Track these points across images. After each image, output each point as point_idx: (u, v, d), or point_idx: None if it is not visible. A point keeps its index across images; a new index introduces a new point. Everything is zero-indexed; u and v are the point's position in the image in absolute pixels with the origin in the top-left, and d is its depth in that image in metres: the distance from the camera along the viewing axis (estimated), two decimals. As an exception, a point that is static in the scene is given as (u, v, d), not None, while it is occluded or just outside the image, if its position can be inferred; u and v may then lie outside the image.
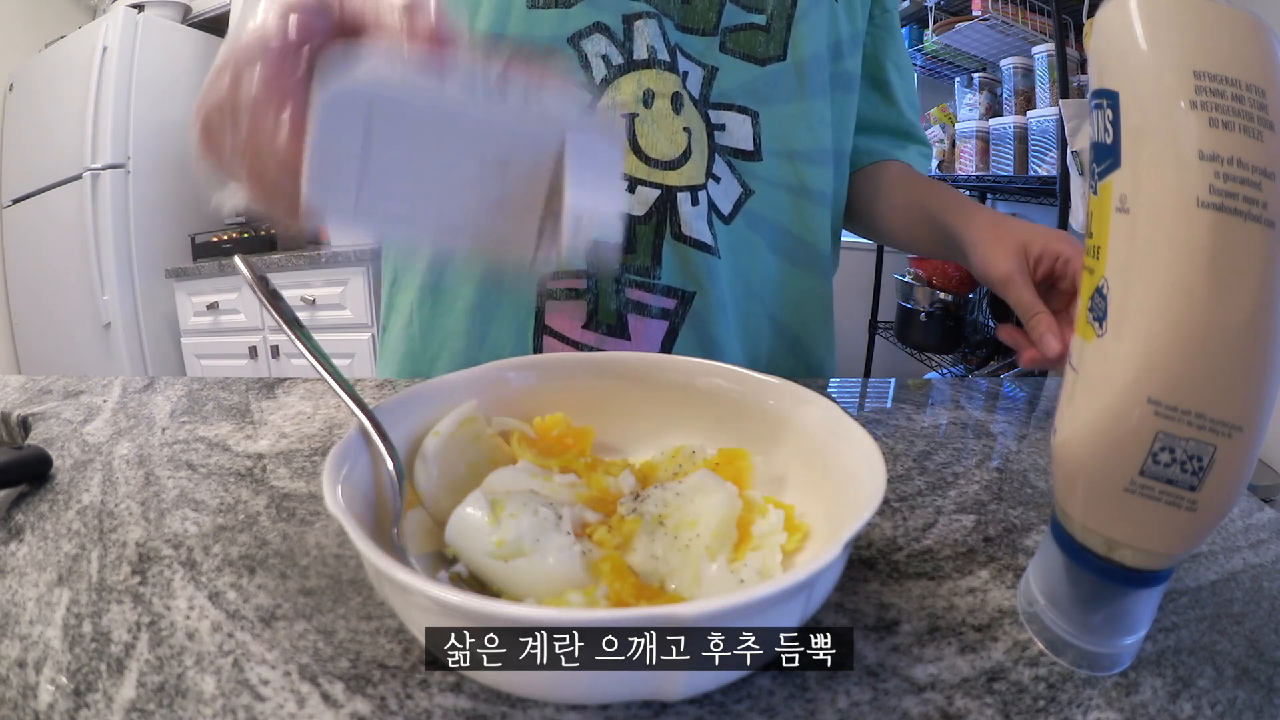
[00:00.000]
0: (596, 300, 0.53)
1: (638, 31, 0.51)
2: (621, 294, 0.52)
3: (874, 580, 0.29)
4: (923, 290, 1.99)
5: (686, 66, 0.52)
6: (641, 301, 0.53)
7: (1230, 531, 0.34)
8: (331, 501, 0.23)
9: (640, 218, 0.52)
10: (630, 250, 0.52)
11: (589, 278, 0.52)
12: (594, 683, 0.21)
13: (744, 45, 0.53)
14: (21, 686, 0.24)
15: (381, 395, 0.51)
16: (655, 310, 0.53)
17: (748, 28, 0.53)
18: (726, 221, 0.54)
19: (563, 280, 0.53)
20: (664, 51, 0.51)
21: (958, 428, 0.46)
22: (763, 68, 0.53)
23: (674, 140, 0.51)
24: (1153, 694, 0.24)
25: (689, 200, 0.51)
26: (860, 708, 0.23)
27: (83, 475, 0.38)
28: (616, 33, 0.51)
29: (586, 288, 0.53)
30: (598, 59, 0.51)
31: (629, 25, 0.51)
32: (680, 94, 0.51)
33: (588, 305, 0.53)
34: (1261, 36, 0.20)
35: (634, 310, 0.53)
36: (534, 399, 0.35)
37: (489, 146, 0.27)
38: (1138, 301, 0.21)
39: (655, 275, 0.52)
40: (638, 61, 0.51)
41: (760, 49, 0.53)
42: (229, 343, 2.21)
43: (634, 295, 0.52)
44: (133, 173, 2.22)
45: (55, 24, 2.47)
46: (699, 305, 0.53)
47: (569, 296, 0.53)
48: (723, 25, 0.53)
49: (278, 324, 0.31)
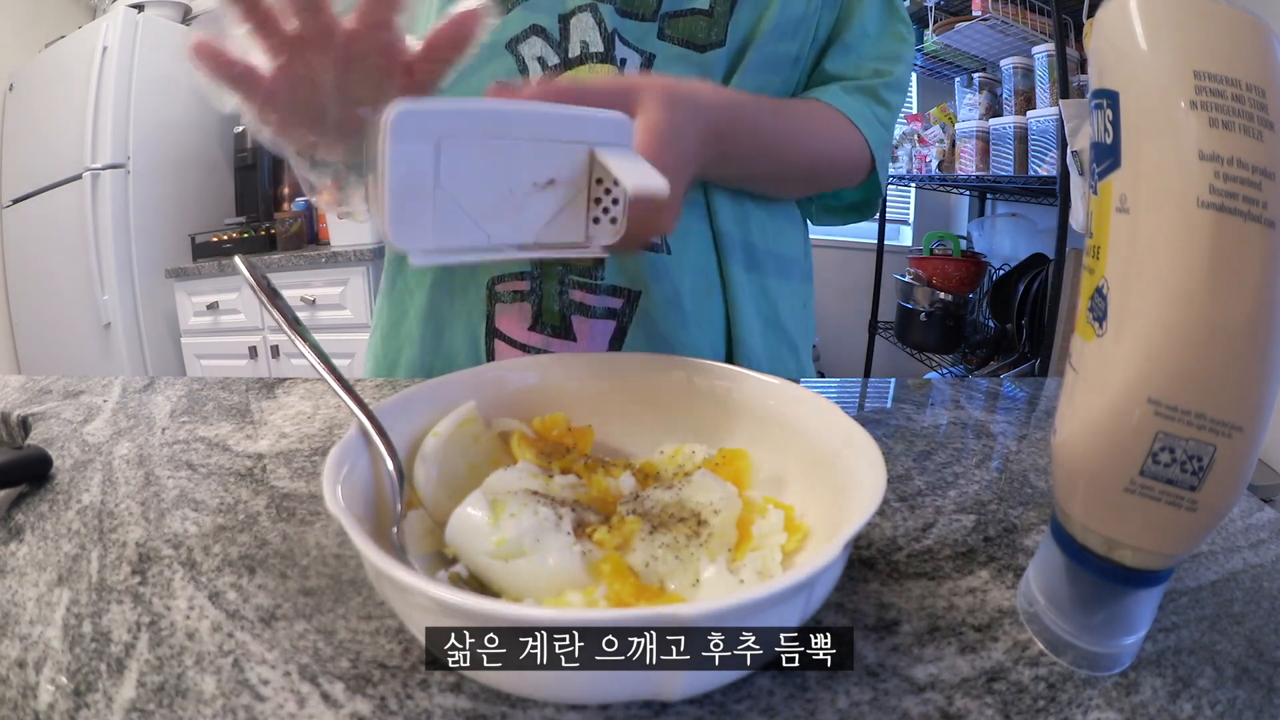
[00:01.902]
0: (540, 302, 0.52)
1: (574, 29, 0.50)
2: (565, 295, 0.52)
3: (874, 580, 0.29)
4: (923, 290, 2.00)
5: (625, 53, 0.51)
6: (584, 302, 0.52)
7: (1230, 531, 0.34)
8: (331, 501, 0.23)
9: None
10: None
11: (533, 279, 0.52)
12: (594, 683, 0.21)
13: (684, 31, 0.51)
14: (21, 686, 0.24)
15: (381, 395, 0.51)
16: (600, 310, 0.52)
17: (689, 13, 0.51)
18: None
19: (508, 283, 0.53)
20: (598, 43, 0.50)
21: (958, 428, 0.46)
22: (702, 54, 0.51)
23: None
24: (1153, 694, 0.24)
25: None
26: (860, 708, 0.23)
27: (83, 475, 0.38)
28: (552, 33, 0.50)
29: (530, 289, 0.52)
30: (534, 61, 0.51)
31: (565, 24, 0.50)
32: None
33: (532, 307, 0.53)
34: (1261, 36, 0.20)
35: (577, 311, 0.52)
36: (534, 399, 0.35)
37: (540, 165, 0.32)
38: (1138, 301, 0.21)
39: (598, 276, 0.52)
40: (572, 59, 0.50)
41: (702, 35, 0.51)
42: (229, 343, 2.21)
43: (577, 296, 0.52)
44: (133, 173, 2.22)
45: (55, 24, 2.47)
46: (646, 304, 0.52)
47: (515, 299, 0.53)
48: (663, 10, 0.51)
49: (278, 324, 0.31)
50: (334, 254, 2.04)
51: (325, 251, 2.08)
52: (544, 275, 0.52)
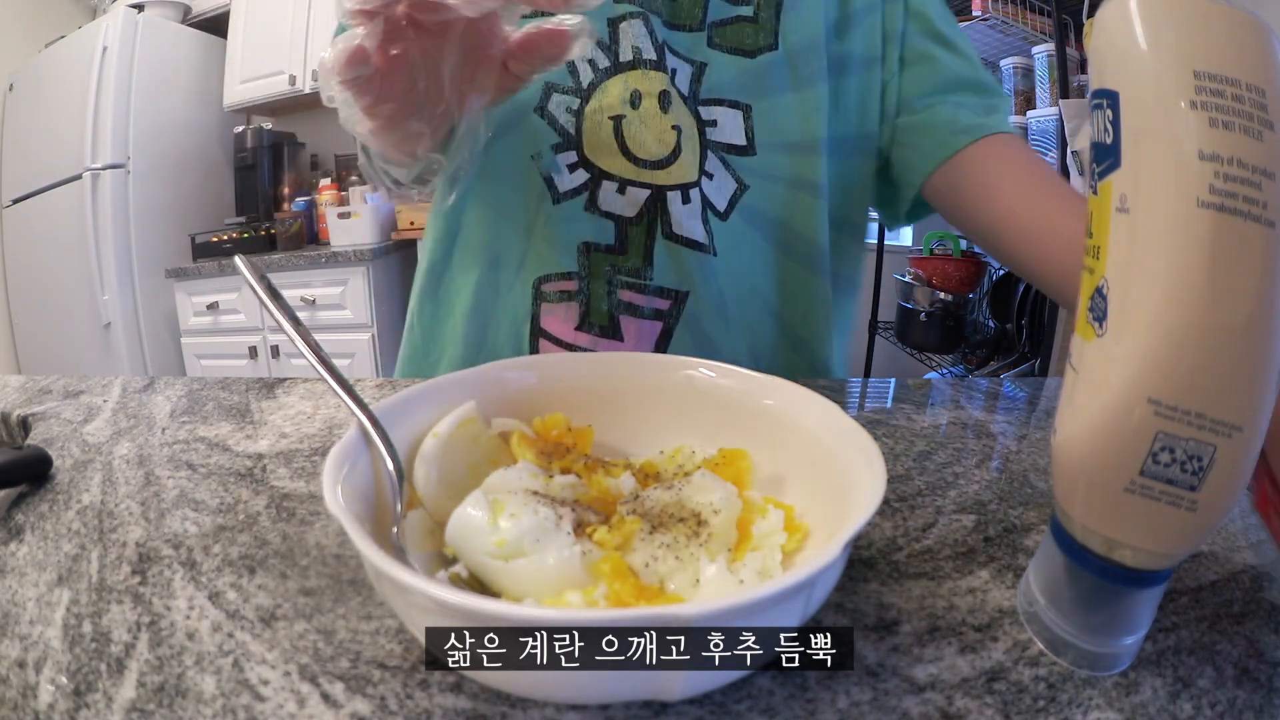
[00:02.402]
0: (588, 302, 0.52)
1: (623, 33, 0.51)
2: (613, 295, 0.52)
3: (874, 580, 0.29)
4: (923, 290, 1.99)
5: (675, 64, 0.51)
6: (633, 303, 0.52)
7: (1230, 531, 0.34)
8: (331, 501, 0.23)
9: (631, 218, 0.51)
10: (622, 251, 0.52)
11: (580, 279, 0.52)
12: (594, 683, 0.21)
13: (732, 39, 0.52)
14: (21, 686, 0.24)
15: (381, 395, 0.51)
16: (648, 311, 0.53)
17: (735, 21, 0.52)
18: (723, 218, 0.53)
19: (555, 282, 0.53)
20: (650, 50, 0.51)
21: (958, 428, 0.46)
22: (753, 59, 0.52)
23: (662, 139, 0.51)
24: (1153, 694, 0.24)
25: (680, 199, 0.51)
26: (860, 708, 0.23)
27: (83, 475, 0.38)
28: (602, 37, 0.51)
29: (578, 289, 0.52)
30: (584, 64, 0.51)
31: (614, 28, 0.51)
32: (668, 92, 0.51)
33: (579, 307, 0.53)
34: (1261, 36, 0.20)
35: (625, 311, 0.52)
36: (534, 399, 0.35)
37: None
38: (1137, 301, 0.21)
39: (647, 276, 0.52)
40: (624, 64, 0.51)
41: (750, 41, 0.52)
42: (229, 343, 2.21)
43: (625, 296, 0.52)
44: (133, 173, 2.22)
45: (55, 24, 2.47)
46: (693, 305, 0.52)
47: (561, 299, 0.53)
48: (709, 20, 0.52)
49: (278, 324, 0.31)
50: (334, 254, 2.04)
51: (325, 251, 2.09)
52: (592, 275, 0.52)
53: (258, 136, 2.40)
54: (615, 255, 0.52)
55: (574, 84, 0.51)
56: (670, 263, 0.52)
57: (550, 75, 0.51)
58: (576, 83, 0.51)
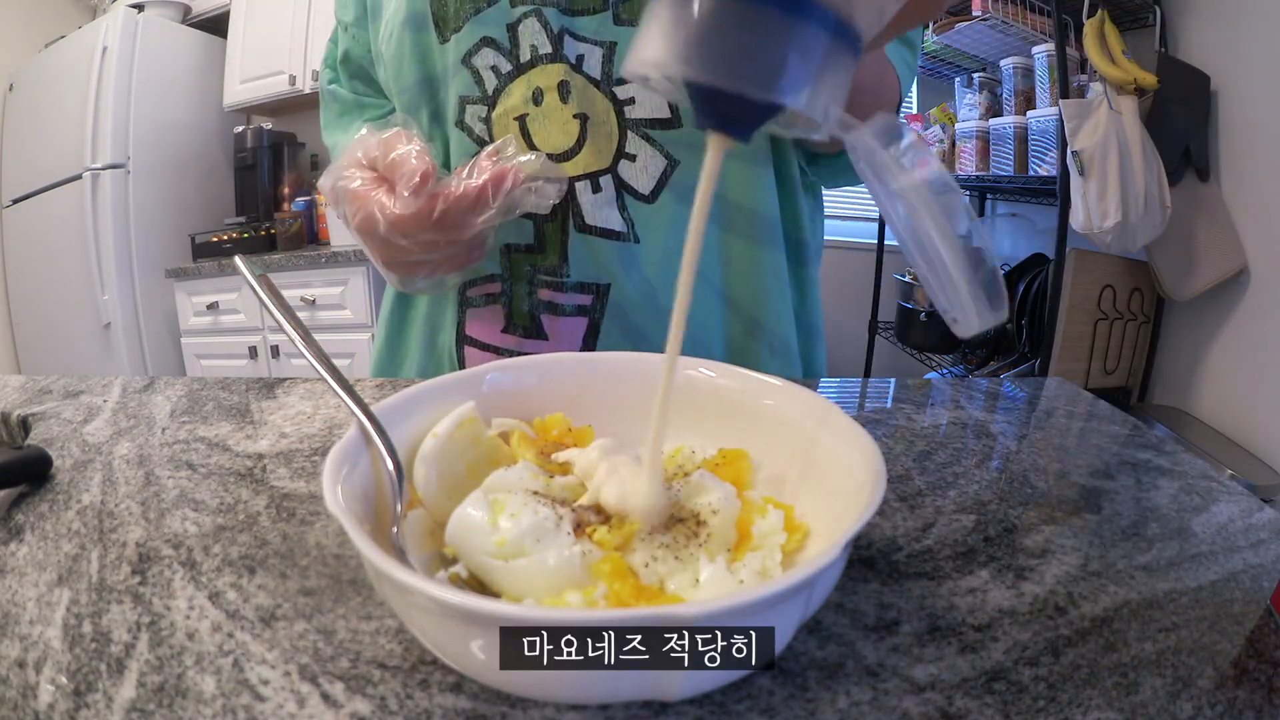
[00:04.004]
0: (510, 304, 0.53)
1: (521, 35, 0.50)
2: (534, 295, 0.52)
3: (874, 580, 0.29)
4: (923, 290, 1.99)
5: (582, 49, 0.50)
6: (553, 301, 0.52)
7: (1230, 531, 0.34)
8: (331, 501, 0.23)
9: (545, 216, 0.51)
10: (540, 250, 0.52)
11: (504, 280, 0.52)
12: (594, 683, 0.21)
13: (638, 11, 0.50)
14: (21, 686, 0.24)
15: (381, 395, 0.51)
16: (569, 308, 0.52)
17: None
18: (650, 200, 0.51)
19: (480, 286, 0.53)
20: (546, 44, 0.50)
21: (958, 428, 0.46)
22: None
23: (566, 130, 0.50)
24: (1153, 694, 0.24)
25: (589, 188, 0.50)
26: (860, 708, 0.23)
27: (83, 475, 0.38)
28: (503, 42, 0.50)
29: (501, 291, 0.53)
30: (488, 71, 0.51)
31: (513, 32, 0.50)
32: (567, 81, 0.50)
33: (504, 309, 0.53)
34: None
35: (547, 310, 0.52)
36: (534, 399, 0.35)
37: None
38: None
39: (564, 273, 0.51)
40: (525, 64, 0.50)
41: None
42: (229, 343, 2.21)
43: (545, 295, 0.52)
44: (133, 173, 2.22)
45: (55, 24, 2.47)
46: (616, 296, 0.51)
47: (487, 302, 0.53)
48: None
49: (278, 324, 0.31)
50: (334, 254, 2.04)
51: (325, 251, 2.08)
52: (514, 276, 0.52)
53: (258, 136, 2.40)
54: (534, 255, 0.52)
55: (480, 93, 0.51)
56: (588, 256, 0.51)
57: (462, 89, 0.51)
58: (483, 91, 0.51)
